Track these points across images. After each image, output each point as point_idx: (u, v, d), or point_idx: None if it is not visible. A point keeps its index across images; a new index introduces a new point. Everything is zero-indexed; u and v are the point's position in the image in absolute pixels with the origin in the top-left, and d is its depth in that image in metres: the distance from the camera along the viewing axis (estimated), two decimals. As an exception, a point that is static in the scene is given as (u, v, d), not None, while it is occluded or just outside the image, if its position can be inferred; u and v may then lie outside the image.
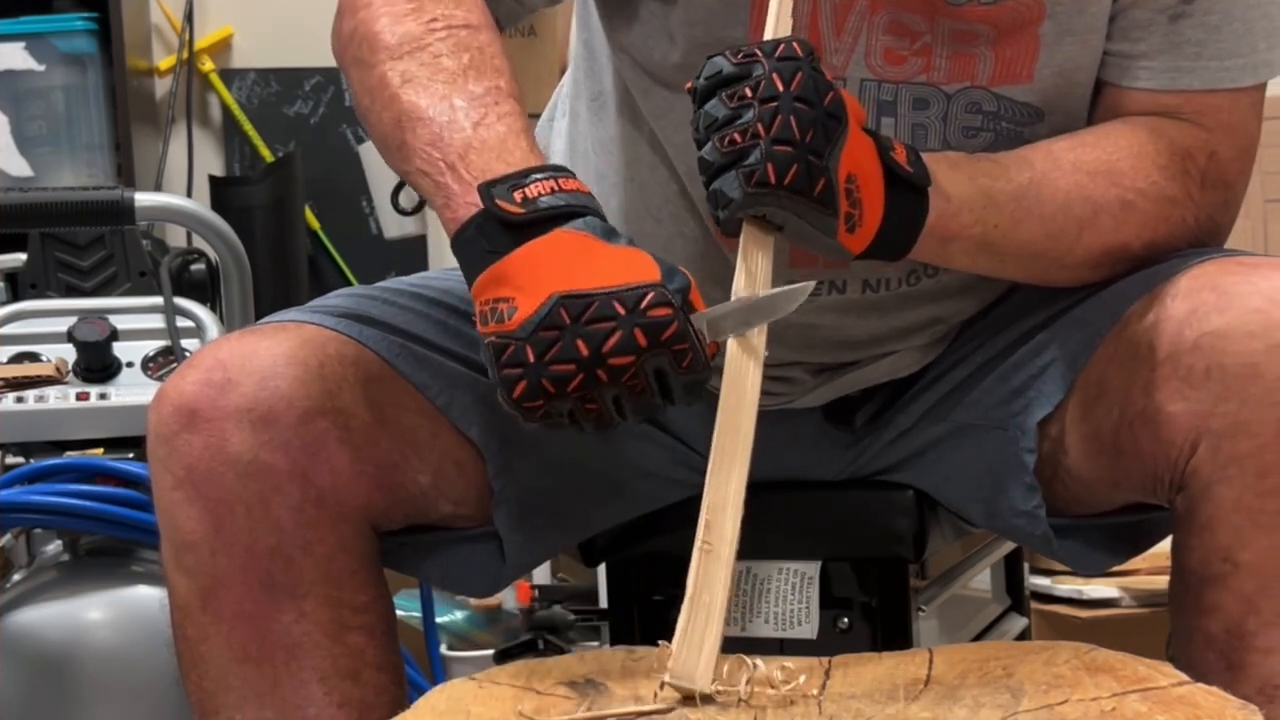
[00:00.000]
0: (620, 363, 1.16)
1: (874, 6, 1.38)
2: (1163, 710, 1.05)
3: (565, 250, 1.19)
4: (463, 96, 1.29)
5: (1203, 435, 1.26)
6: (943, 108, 1.41)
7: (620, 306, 1.16)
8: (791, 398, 1.50)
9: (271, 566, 1.33)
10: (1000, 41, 1.39)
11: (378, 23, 1.35)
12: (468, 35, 1.34)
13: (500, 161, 1.25)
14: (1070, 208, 1.37)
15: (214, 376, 1.33)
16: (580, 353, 1.16)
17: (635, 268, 1.18)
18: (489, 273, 1.20)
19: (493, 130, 1.27)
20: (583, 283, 1.17)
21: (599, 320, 1.16)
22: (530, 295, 1.18)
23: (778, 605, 1.52)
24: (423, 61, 1.32)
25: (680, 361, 1.17)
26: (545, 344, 1.17)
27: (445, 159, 1.27)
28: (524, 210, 1.21)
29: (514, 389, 1.18)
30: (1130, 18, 1.40)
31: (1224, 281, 1.29)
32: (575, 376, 1.16)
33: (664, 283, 1.17)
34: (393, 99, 1.31)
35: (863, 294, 1.46)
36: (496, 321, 1.19)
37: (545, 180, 1.22)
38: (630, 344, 1.16)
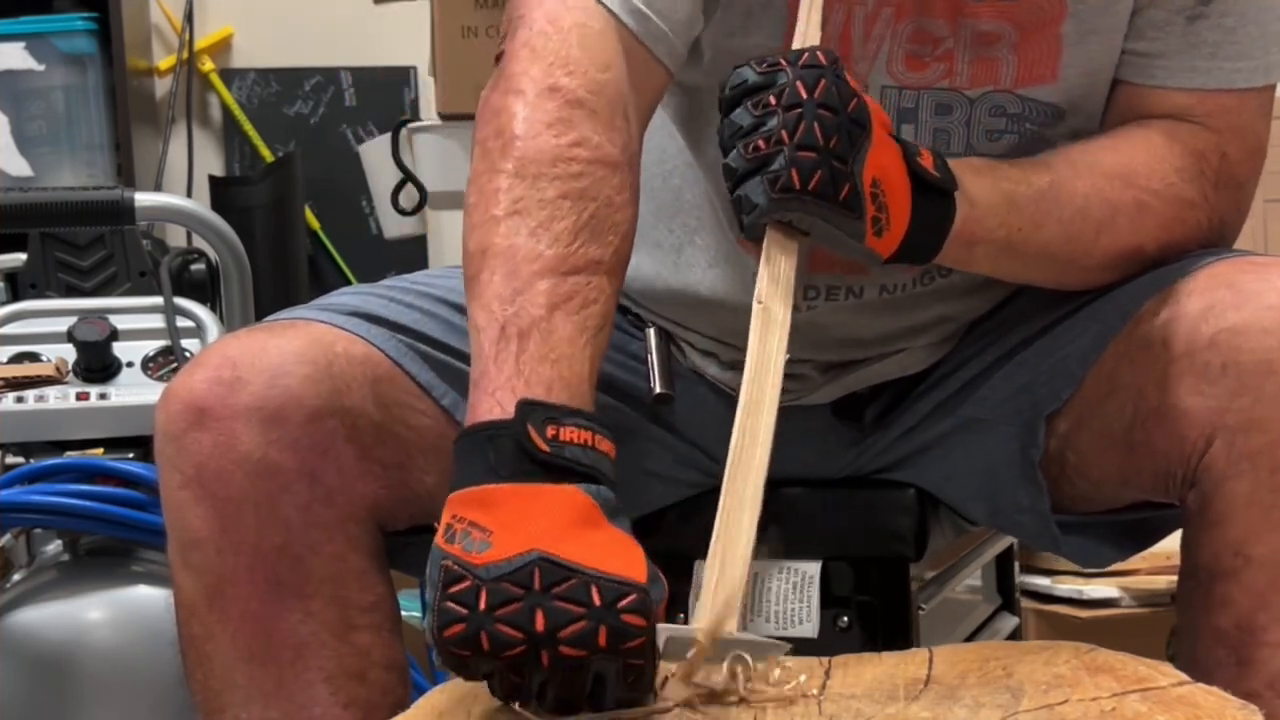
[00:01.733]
0: (570, 654, 1.05)
1: (899, 14, 1.39)
2: (1163, 710, 1.05)
3: (568, 511, 1.10)
4: (562, 265, 1.19)
5: (1217, 431, 1.26)
6: (965, 112, 1.41)
7: (598, 596, 1.06)
8: (800, 394, 1.51)
9: (279, 566, 1.33)
10: (1022, 43, 1.40)
11: (518, 121, 1.24)
12: (604, 177, 1.23)
13: (553, 368, 1.16)
14: (1088, 210, 1.38)
15: (223, 374, 1.33)
16: (535, 625, 1.05)
17: (627, 560, 1.09)
18: (480, 491, 1.11)
19: (568, 322, 1.18)
20: (571, 553, 1.07)
21: (569, 600, 1.06)
22: (510, 539, 1.08)
23: (778, 604, 1.52)
24: (543, 198, 1.21)
25: (627, 676, 1.08)
26: (502, 598, 1.06)
27: (505, 328, 1.17)
28: (549, 451, 1.11)
29: (448, 627, 1.06)
30: (1147, 18, 1.41)
31: (1239, 279, 1.29)
32: (517, 646, 1.05)
33: (648, 586, 1.09)
34: (491, 223, 1.22)
35: (880, 296, 1.47)
36: (462, 547, 1.08)
37: (583, 430, 1.13)
38: (590, 639, 1.05)
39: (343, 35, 4.01)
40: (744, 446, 1.17)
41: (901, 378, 1.53)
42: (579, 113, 1.25)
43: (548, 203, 1.21)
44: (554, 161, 1.22)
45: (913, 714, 1.10)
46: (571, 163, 1.23)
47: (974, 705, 1.10)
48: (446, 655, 1.08)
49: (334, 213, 4.01)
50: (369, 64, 4.06)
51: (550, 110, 1.24)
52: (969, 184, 1.33)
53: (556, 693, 1.08)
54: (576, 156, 1.23)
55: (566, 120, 1.24)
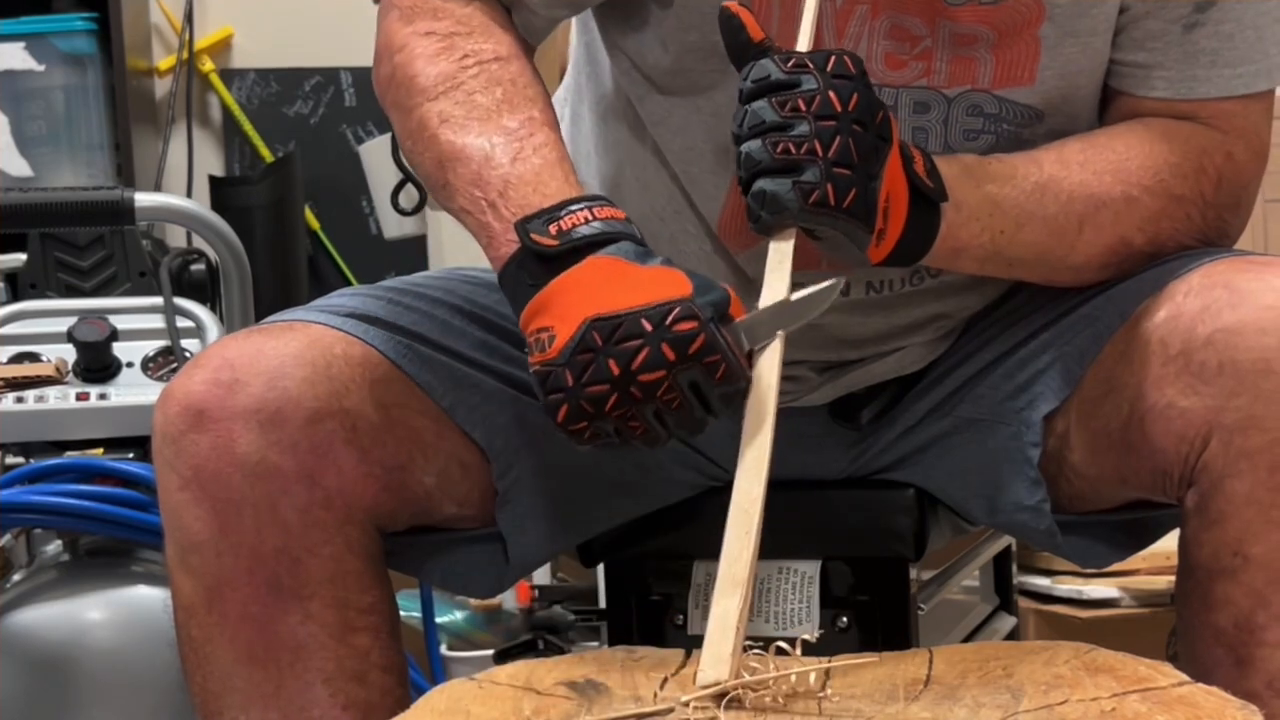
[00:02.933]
0: (650, 378, 1.19)
1: (875, 11, 1.39)
2: (1163, 710, 1.05)
3: (598, 275, 1.22)
4: (499, 133, 1.33)
5: (1215, 430, 1.27)
6: (943, 111, 1.41)
7: (647, 323, 1.19)
8: (797, 396, 1.51)
9: (278, 567, 1.33)
10: (1000, 44, 1.40)
11: (413, 65, 1.38)
12: (499, 68, 1.37)
13: (537, 194, 1.28)
14: (1071, 206, 1.38)
15: (222, 376, 1.33)
16: (611, 372, 1.19)
17: (666, 285, 1.21)
18: (531, 305, 1.24)
19: (529, 164, 1.31)
20: (614, 304, 1.20)
21: (627, 339, 1.19)
22: (566, 322, 1.21)
23: (778, 605, 1.52)
24: (458, 100, 1.35)
25: (713, 373, 1.19)
26: (580, 367, 1.19)
27: (486, 197, 1.30)
28: (559, 242, 1.24)
29: (557, 413, 1.21)
30: (1143, 28, 1.41)
31: (1236, 279, 1.29)
32: (610, 396, 1.19)
33: (694, 296, 1.19)
34: (432, 140, 1.35)
35: (866, 294, 1.47)
36: (539, 351, 1.22)
37: (580, 210, 1.26)
38: (658, 359, 1.18)
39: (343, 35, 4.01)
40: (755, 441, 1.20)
41: (898, 378, 1.53)
42: (457, 38, 1.38)
43: (463, 103, 1.35)
44: (453, 75, 1.37)
45: (913, 714, 1.10)
46: (465, 69, 1.37)
47: (974, 705, 1.10)
48: (571, 436, 1.22)
49: (334, 213, 4.00)
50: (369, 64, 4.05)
51: (432, 46, 1.39)
52: (956, 188, 1.33)
53: (673, 417, 1.21)
54: (467, 64, 1.37)
55: (448, 46, 1.38)
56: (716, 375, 1.19)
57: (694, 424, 1.22)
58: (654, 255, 1.24)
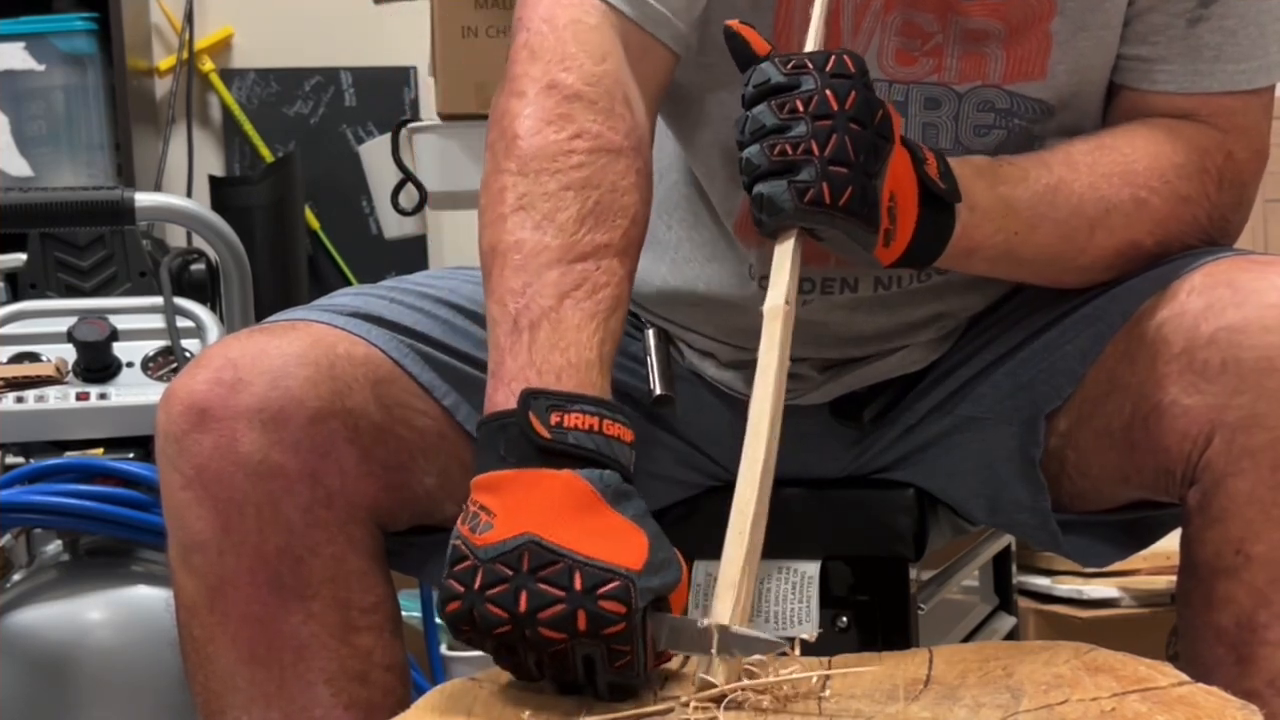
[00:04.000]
0: (549, 635, 1.11)
1: (888, 7, 1.39)
2: (1163, 710, 1.05)
3: (565, 496, 1.14)
4: (568, 254, 1.23)
5: (1217, 428, 1.27)
6: (954, 107, 1.42)
7: (579, 580, 1.10)
8: (799, 394, 1.51)
9: (280, 567, 1.33)
10: (1011, 39, 1.40)
11: (520, 120, 1.28)
12: (606, 164, 1.27)
13: (563, 355, 1.20)
14: (1083, 208, 1.38)
15: (224, 375, 1.33)
16: (517, 606, 1.10)
17: (622, 545, 1.13)
18: (490, 476, 1.16)
19: (578, 309, 1.22)
20: (561, 538, 1.11)
21: (552, 584, 1.10)
22: (509, 522, 1.13)
23: (778, 605, 1.52)
24: (546, 191, 1.25)
25: (613, 660, 1.12)
26: (494, 578, 1.12)
27: (518, 320, 1.22)
28: (550, 438, 1.16)
29: (447, 604, 1.14)
30: (1147, 22, 1.41)
31: (1239, 278, 1.29)
32: (503, 624, 1.11)
33: (642, 573, 1.12)
34: (498, 221, 1.26)
35: (874, 291, 1.47)
36: (470, 528, 1.14)
37: (591, 415, 1.18)
38: (567, 623, 1.10)
39: (343, 35, 4.01)
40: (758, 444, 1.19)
41: (900, 377, 1.53)
42: (577, 105, 1.28)
43: (551, 195, 1.25)
44: (555, 156, 1.26)
45: (913, 714, 1.10)
46: (572, 154, 1.26)
47: (974, 705, 1.10)
48: (452, 630, 1.14)
49: (334, 213, 4.01)
50: (369, 64, 4.06)
51: (549, 107, 1.28)
52: (969, 189, 1.33)
53: (550, 672, 1.13)
54: (576, 148, 1.26)
55: (565, 115, 1.27)
56: (616, 663, 1.12)
57: (567, 686, 1.14)
58: (633, 498, 1.17)
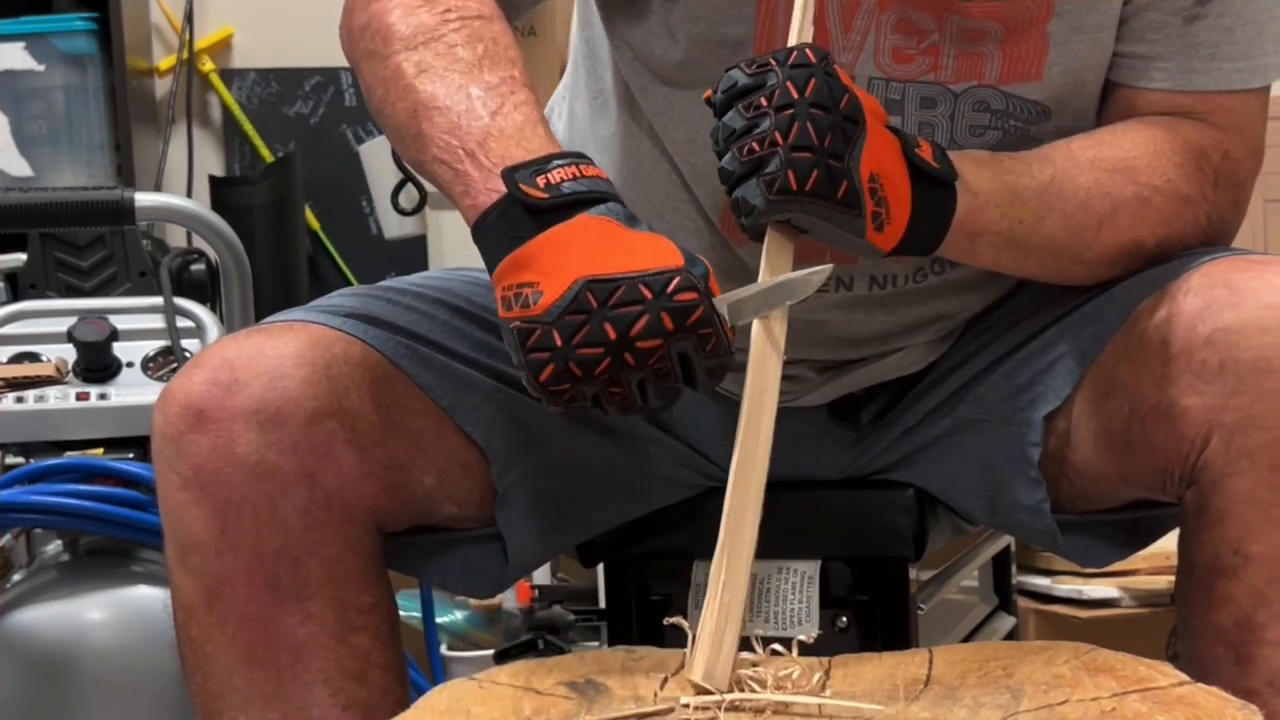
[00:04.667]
0: (648, 346, 1.17)
1: (882, 5, 1.39)
2: (1163, 710, 1.05)
3: (590, 234, 1.20)
4: (479, 85, 1.30)
5: (1215, 429, 1.27)
6: (950, 106, 1.41)
7: (647, 290, 1.17)
8: (797, 395, 1.51)
9: (278, 568, 1.33)
10: (1008, 40, 1.40)
11: (390, 15, 1.36)
12: (481, 26, 1.35)
13: (520, 148, 1.26)
14: (1090, 204, 1.38)
15: (221, 376, 1.33)
16: (608, 336, 1.17)
17: (659, 253, 1.19)
18: (512, 257, 1.21)
19: (510, 118, 1.28)
20: (609, 267, 1.18)
21: (626, 304, 1.17)
22: (556, 279, 1.18)
23: (778, 605, 1.52)
24: (437, 51, 1.33)
25: (705, 345, 1.18)
26: (572, 327, 1.17)
27: (464, 146, 1.27)
28: (547, 195, 1.22)
29: (541, 372, 1.18)
30: (1144, 20, 1.41)
31: (1236, 278, 1.29)
32: (603, 360, 1.17)
33: (688, 266, 1.19)
34: (408, 89, 1.32)
35: (870, 290, 1.47)
36: (521, 306, 1.19)
37: (567, 166, 1.23)
38: (658, 327, 1.17)
39: (343, 35, 4.01)
40: (748, 446, 1.19)
41: (899, 378, 1.53)
42: None
43: (443, 54, 1.33)
44: (433, 28, 1.34)
45: (913, 714, 1.10)
46: (447, 23, 1.34)
47: (974, 705, 1.10)
48: (550, 397, 1.19)
49: (334, 213, 4.00)
50: (369, 64, 4.05)
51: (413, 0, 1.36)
52: (970, 175, 1.33)
53: (656, 386, 1.19)
54: (449, 18, 1.34)
55: (429, 1, 1.36)
56: (708, 347, 1.18)
57: (673, 395, 1.21)
58: (639, 221, 1.23)
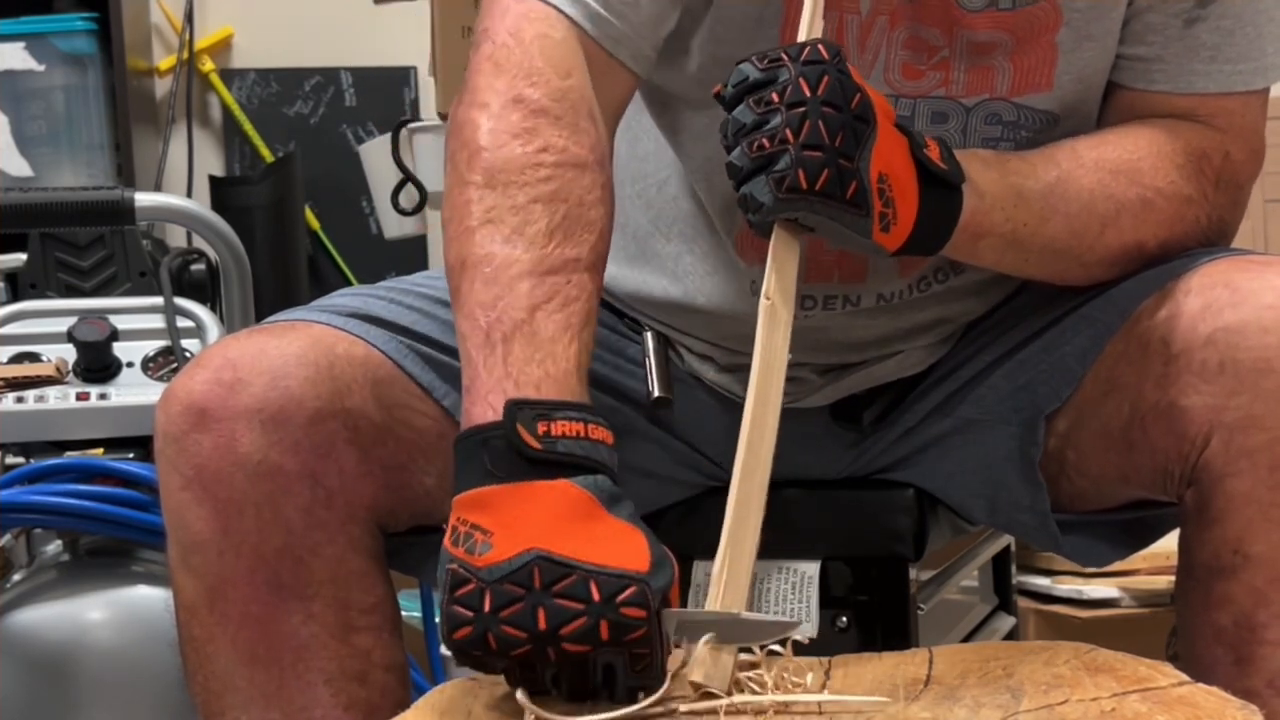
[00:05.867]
0: (574, 649, 1.09)
1: (894, 22, 1.39)
2: (1163, 710, 1.05)
3: (564, 506, 1.12)
4: (539, 264, 1.21)
5: (1215, 429, 1.27)
6: (961, 121, 1.41)
7: (596, 591, 1.09)
8: (798, 397, 1.51)
9: (280, 567, 1.33)
10: (1018, 51, 1.40)
11: (484, 133, 1.26)
12: (572, 179, 1.25)
13: (540, 367, 1.18)
14: (1094, 205, 1.38)
15: (224, 376, 1.33)
16: (537, 624, 1.08)
17: (627, 551, 1.11)
18: (478, 493, 1.13)
19: (551, 320, 1.20)
20: (569, 549, 1.10)
21: (568, 597, 1.08)
22: (510, 539, 1.10)
23: (778, 605, 1.52)
24: (514, 204, 1.23)
25: (635, 664, 1.10)
26: (505, 599, 1.09)
27: (490, 333, 1.20)
28: (540, 447, 1.13)
29: (457, 630, 1.10)
30: (1144, 22, 1.41)
31: (1237, 278, 1.29)
32: (523, 645, 1.09)
33: (650, 575, 1.10)
34: (466, 234, 1.24)
35: (876, 304, 1.47)
36: (466, 550, 1.11)
37: (575, 421, 1.15)
38: (592, 635, 1.08)
39: (343, 35, 4.01)
40: (753, 441, 1.18)
41: (900, 379, 1.53)
42: (543, 120, 1.26)
43: (519, 208, 1.23)
44: (522, 169, 1.25)
45: (913, 714, 1.10)
46: (539, 168, 1.25)
47: (974, 705, 1.10)
48: (459, 656, 1.11)
49: (334, 213, 4.01)
50: (369, 64, 4.06)
51: (515, 121, 1.26)
52: (977, 176, 1.33)
53: (569, 684, 1.11)
54: (543, 161, 1.25)
55: (531, 129, 1.26)
56: (637, 667, 1.11)
57: (580, 695, 1.12)
58: (624, 501, 1.15)
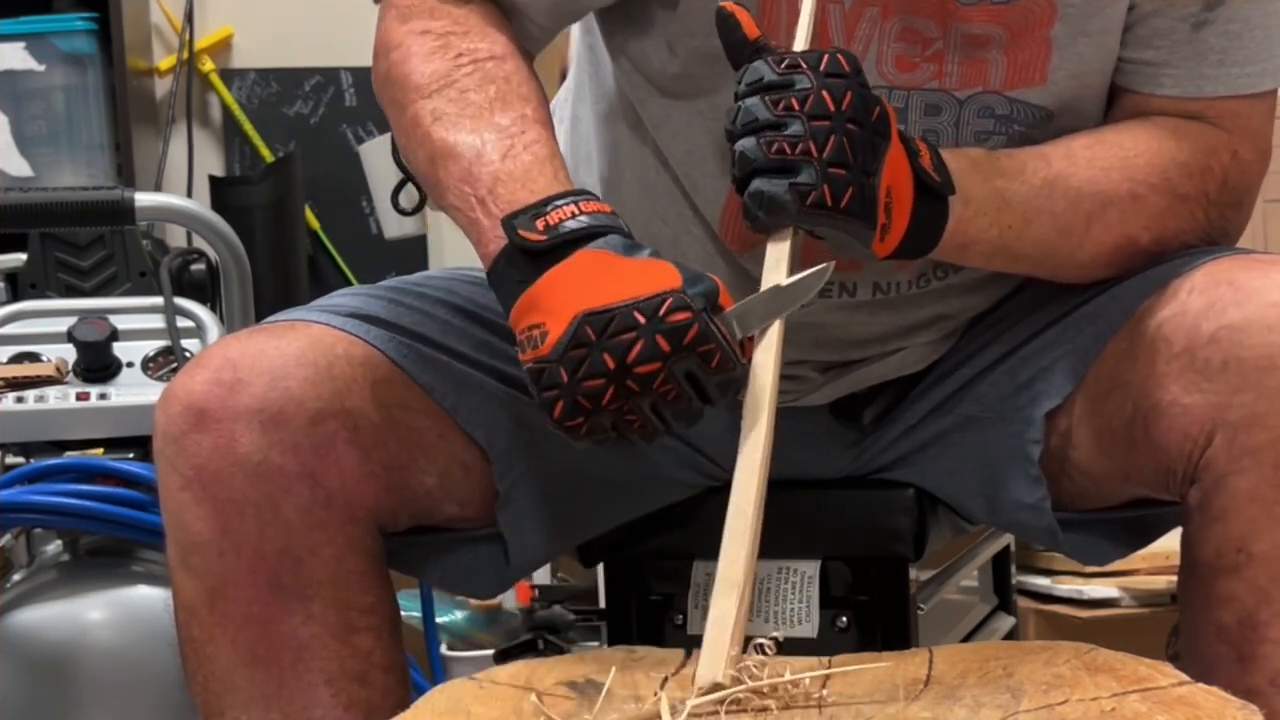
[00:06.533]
0: (647, 370, 1.18)
1: (886, 13, 1.39)
2: (1163, 710, 1.05)
3: (587, 269, 1.22)
4: (490, 129, 1.33)
5: (1218, 427, 1.27)
6: (954, 113, 1.41)
7: (640, 316, 1.18)
8: (799, 395, 1.51)
9: (279, 568, 1.33)
10: (1012, 45, 1.40)
11: (408, 63, 1.39)
12: (494, 66, 1.37)
13: (525, 190, 1.28)
14: (1080, 203, 1.38)
15: (223, 376, 1.33)
16: (607, 366, 1.18)
17: (656, 278, 1.20)
18: (521, 302, 1.23)
19: (519, 160, 1.31)
20: (604, 298, 1.20)
21: (621, 332, 1.18)
22: (558, 318, 1.20)
23: (778, 604, 1.52)
24: (450, 98, 1.35)
25: (708, 362, 1.19)
26: (575, 362, 1.19)
27: (475, 193, 1.30)
28: (546, 237, 1.24)
29: (553, 410, 1.20)
30: (1150, 26, 1.41)
31: (1240, 277, 1.29)
32: (607, 390, 1.19)
33: (685, 288, 1.19)
34: (425, 137, 1.35)
35: (873, 296, 1.47)
36: (532, 348, 1.21)
37: (566, 205, 1.25)
38: (654, 351, 1.18)
39: (343, 35, 4.01)
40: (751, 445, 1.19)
41: (900, 377, 1.53)
42: (452, 37, 1.39)
43: (455, 99, 1.35)
44: (447, 74, 1.37)
45: (913, 714, 1.10)
46: (460, 68, 1.37)
47: (974, 705, 1.10)
48: (568, 433, 1.21)
49: (334, 213, 4.00)
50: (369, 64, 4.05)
51: (428, 44, 1.39)
52: (964, 182, 1.33)
53: (670, 409, 1.20)
54: (461, 63, 1.37)
55: (443, 45, 1.38)
56: (712, 364, 1.19)
57: (691, 414, 1.21)
58: (642, 247, 1.24)
